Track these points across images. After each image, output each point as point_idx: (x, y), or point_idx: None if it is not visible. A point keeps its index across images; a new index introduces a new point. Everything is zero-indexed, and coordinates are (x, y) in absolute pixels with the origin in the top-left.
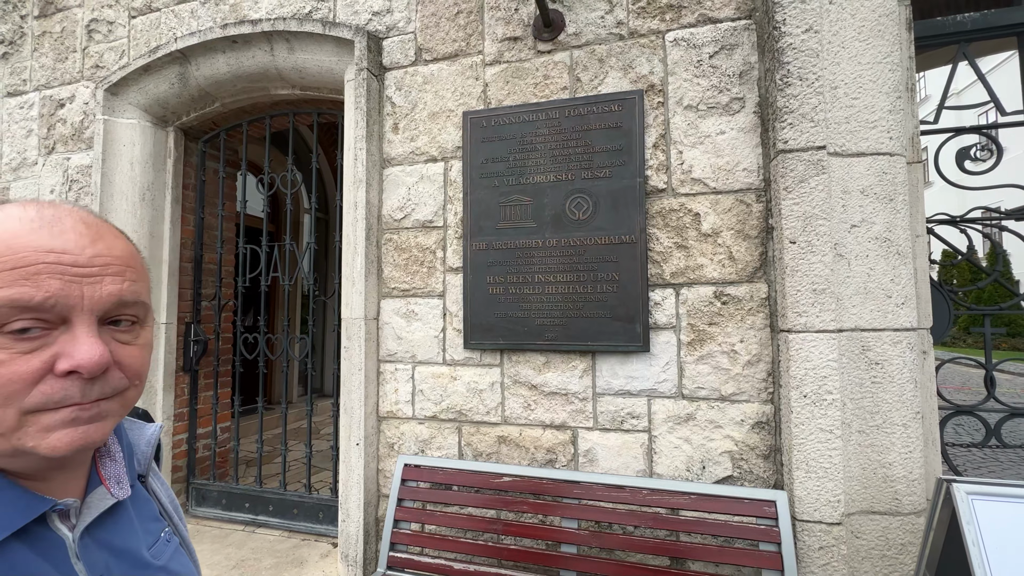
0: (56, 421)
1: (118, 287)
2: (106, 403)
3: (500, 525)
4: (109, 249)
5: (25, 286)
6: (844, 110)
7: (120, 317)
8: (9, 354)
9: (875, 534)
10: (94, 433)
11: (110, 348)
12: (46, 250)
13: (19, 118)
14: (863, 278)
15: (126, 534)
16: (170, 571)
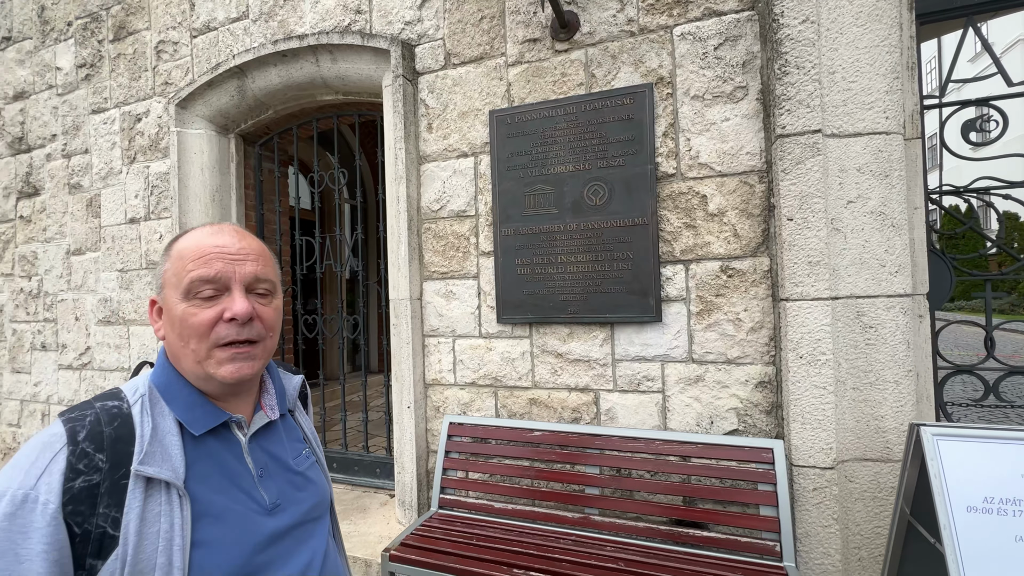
0: (225, 356)
1: (254, 267)
2: (252, 348)
3: (533, 472)
4: (248, 245)
5: (205, 267)
6: (841, 93)
7: (257, 288)
8: (200, 309)
9: (867, 479)
10: (246, 369)
11: (253, 306)
12: (214, 245)
13: (104, 132)
14: (858, 250)
15: (277, 445)
16: (307, 477)
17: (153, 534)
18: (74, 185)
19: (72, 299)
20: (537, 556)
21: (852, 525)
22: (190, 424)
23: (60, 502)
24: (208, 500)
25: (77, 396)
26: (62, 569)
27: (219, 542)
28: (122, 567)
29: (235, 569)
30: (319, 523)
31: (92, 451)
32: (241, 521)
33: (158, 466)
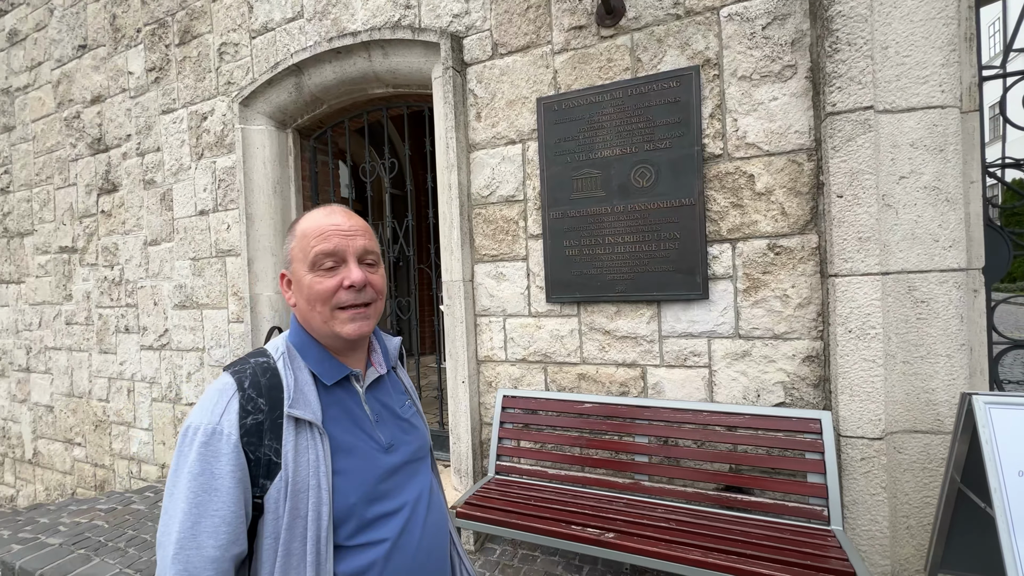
0: (346, 317)
1: (363, 242)
2: (367, 309)
3: (584, 440)
4: (356, 223)
5: (326, 243)
6: (894, 68)
7: (366, 259)
8: (324, 278)
9: (917, 450)
10: (365, 327)
11: (365, 275)
12: (331, 224)
13: (173, 131)
14: (911, 225)
15: (386, 396)
16: (411, 423)
17: (304, 462)
18: (148, 181)
19: (150, 286)
20: (592, 516)
21: (900, 495)
22: (322, 375)
23: (238, 435)
24: (340, 438)
25: (158, 374)
26: (243, 484)
27: (351, 471)
28: (285, 486)
29: (364, 493)
30: (423, 462)
31: (255, 396)
32: (366, 456)
33: (302, 410)
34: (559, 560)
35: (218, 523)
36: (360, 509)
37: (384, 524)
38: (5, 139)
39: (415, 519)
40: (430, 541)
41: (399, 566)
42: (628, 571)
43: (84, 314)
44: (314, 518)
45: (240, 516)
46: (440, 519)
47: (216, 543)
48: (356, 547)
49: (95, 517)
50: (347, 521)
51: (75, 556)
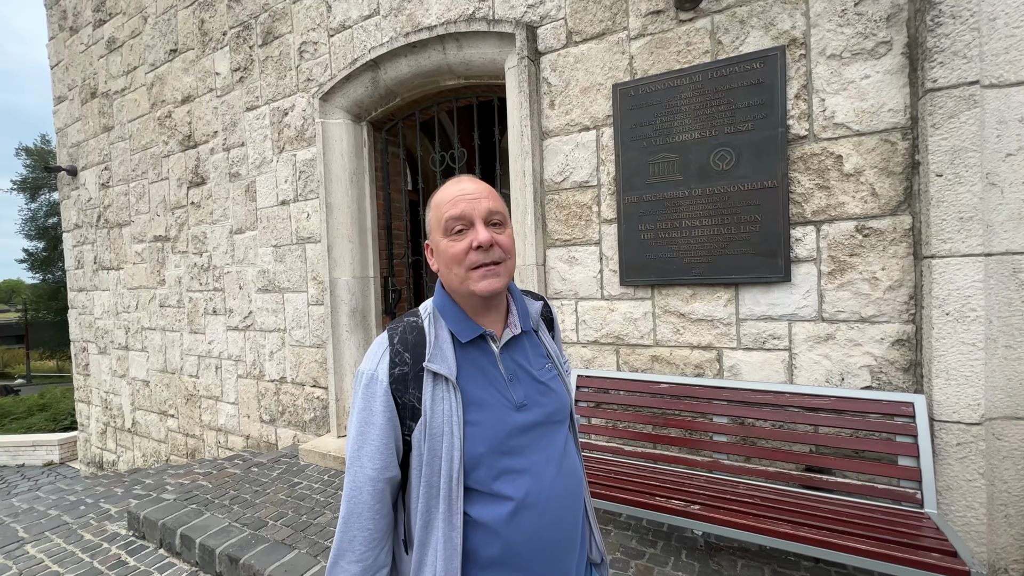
0: (479, 275)
1: (488, 204)
2: (497, 267)
3: (661, 419)
4: (481, 188)
5: (454, 208)
6: (1003, 41)
7: (492, 219)
8: (456, 242)
9: (1019, 437)
10: (496, 283)
11: (492, 235)
12: (459, 191)
13: (257, 127)
14: (1018, 204)
15: (522, 356)
16: (548, 386)
17: (440, 411)
18: (233, 174)
19: (235, 271)
20: (673, 490)
21: (999, 482)
22: (458, 334)
23: (388, 382)
24: (473, 393)
25: (243, 353)
26: (392, 423)
27: (482, 423)
28: (424, 429)
29: (493, 445)
30: (559, 426)
31: (402, 351)
32: (497, 411)
33: (439, 365)
34: (632, 535)
35: (373, 450)
36: (489, 459)
37: (512, 481)
38: (105, 139)
39: (545, 483)
40: (558, 507)
41: (524, 529)
42: (703, 547)
43: (176, 297)
44: (447, 459)
45: (390, 447)
46: (572, 486)
47: (373, 465)
48: (484, 494)
49: (196, 479)
50: (478, 467)
51: (189, 510)
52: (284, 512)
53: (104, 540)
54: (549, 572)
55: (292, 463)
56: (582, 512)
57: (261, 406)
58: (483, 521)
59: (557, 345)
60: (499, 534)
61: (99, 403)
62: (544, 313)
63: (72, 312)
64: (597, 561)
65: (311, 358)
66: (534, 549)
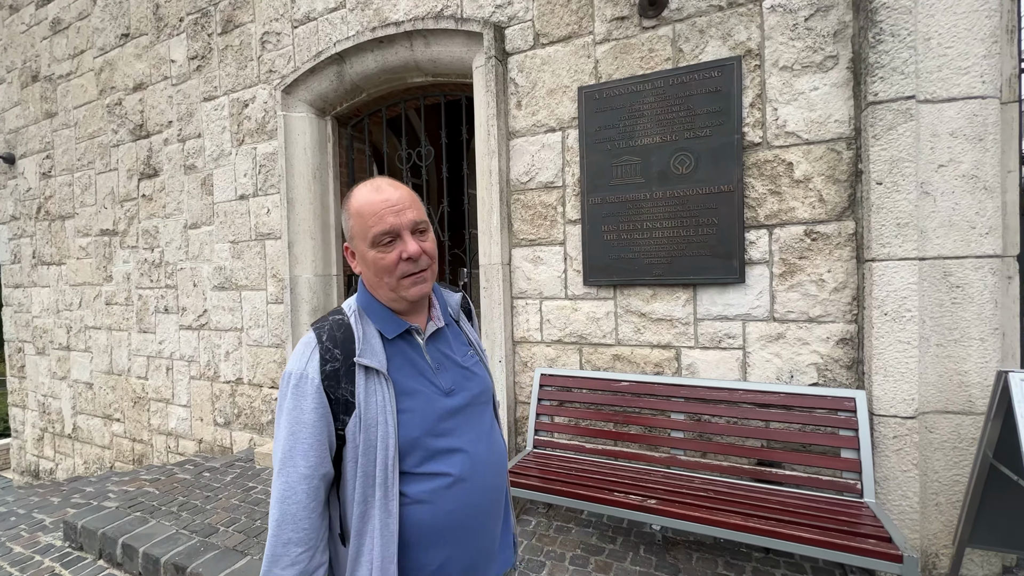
0: (409, 283)
1: (412, 215)
2: (424, 274)
3: (620, 416)
4: (403, 196)
5: (381, 224)
6: (936, 59)
7: (417, 228)
8: (386, 253)
9: (948, 430)
10: (425, 288)
11: (419, 244)
12: (382, 202)
13: (215, 118)
14: (948, 212)
15: (446, 346)
16: (472, 371)
17: (374, 402)
18: (189, 166)
19: (190, 268)
20: (631, 485)
21: (931, 472)
22: (385, 331)
23: (320, 379)
24: (403, 383)
25: (196, 353)
26: (325, 419)
27: (414, 410)
28: (358, 421)
29: (426, 430)
30: (485, 407)
31: (331, 347)
32: (427, 398)
33: (370, 359)
34: (593, 531)
35: (306, 448)
36: (424, 442)
37: (447, 459)
38: (48, 125)
39: (477, 457)
40: (492, 480)
41: (460, 498)
42: (660, 542)
43: (124, 295)
44: (382, 447)
45: (323, 444)
46: (500, 461)
47: (306, 463)
48: (421, 475)
49: (142, 486)
50: (412, 452)
51: (132, 518)
52: (237, 517)
53: (36, 552)
54: (481, 541)
55: (247, 467)
56: (506, 483)
57: (215, 408)
58: (421, 498)
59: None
60: (437, 507)
61: (36, 407)
62: (463, 304)
63: (7, 310)
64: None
65: (269, 358)
66: (468, 517)
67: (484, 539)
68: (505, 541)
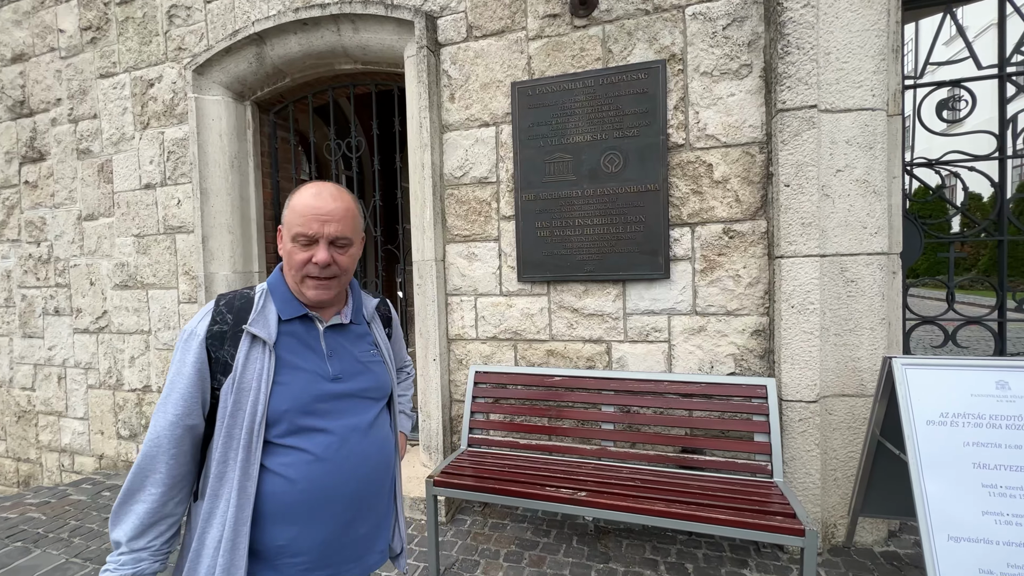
0: (311, 284)
1: (336, 228)
2: (329, 282)
3: (554, 411)
4: (338, 208)
5: (304, 227)
6: (835, 72)
7: (337, 242)
8: (299, 251)
9: (844, 411)
10: (324, 295)
11: (332, 255)
12: (314, 208)
13: (113, 97)
14: (844, 213)
15: (346, 339)
16: (367, 367)
17: (252, 369)
18: (83, 151)
19: (85, 264)
20: (563, 479)
21: (830, 451)
22: (281, 311)
23: (204, 336)
24: (288, 359)
25: (95, 359)
26: (201, 374)
27: (291, 384)
28: (232, 383)
29: (299, 405)
30: (374, 402)
31: (225, 311)
32: (309, 377)
33: (259, 328)
34: (528, 526)
35: (178, 397)
36: (291, 416)
37: (311, 437)
38: None
39: (346, 444)
40: (363, 471)
41: (317, 479)
42: (593, 532)
43: (4, 295)
44: (251, 412)
45: (195, 396)
46: (379, 456)
47: (175, 411)
48: (283, 447)
49: (27, 511)
50: (279, 423)
51: (11, 549)
52: None
53: None
54: (338, 531)
55: None
56: (388, 488)
57: (119, 420)
58: (278, 471)
59: (396, 343)
60: (293, 483)
61: None
62: (382, 311)
63: None
64: (397, 551)
65: None
66: (325, 500)
67: (344, 530)
68: (378, 545)
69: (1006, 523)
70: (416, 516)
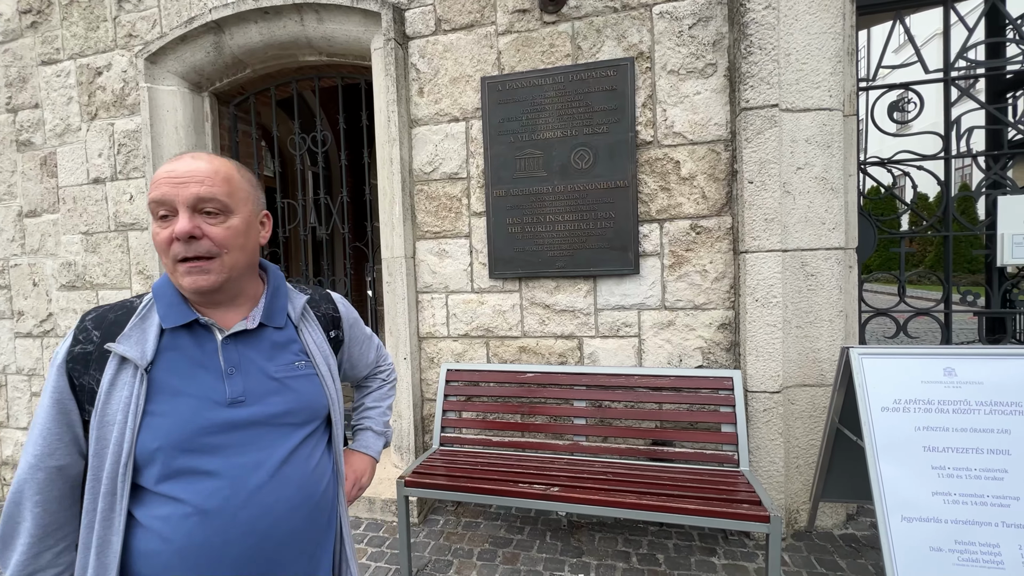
0: (183, 270)
1: (196, 190)
2: (207, 263)
3: (527, 408)
4: (198, 168)
5: (154, 191)
6: (795, 73)
7: (204, 207)
8: (161, 229)
9: (806, 400)
10: (202, 281)
11: (201, 226)
12: (166, 171)
13: (57, 86)
14: (804, 209)
15: (256, 349)
16: (285, 384)
17: (117, 398)
18: (23, 142)
19: (27, 264)
20: (536, 475)
21: (792, 439)
22: (163, 319)
23: (64, 360)
24: (168, 382)
25: (39, 365)
26: (60, 405)
27: (168, 415)
28: (97, 415)
29: (176, 441)
30: (290, 430)
31: (91, 328)
32: (194, 403)
33: (127, 346)
34: (501, 523)
35: (36, 435)
36: (166, 456)
37: (190, 483)
38: None
39: (240, 491)
40: (262, 523)
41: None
42: (566, 527)
43: None
44: (114, 452)
45: (55, 432)
46: (298, 499)
47: (34, 451)
48: (157, 495)
49: None
50: (151, 464)
51: None
52: None
53: None
54: None
55: None
56: (318, 537)
57: None
58: (150, 525)
59: (353, 347)
60: (169, 542)
61: None
62: (323, 310)
63: None
64: None
65: None
66: (210, 563)
67: None
68: None
69: (953, 502)
70: (387, 518)
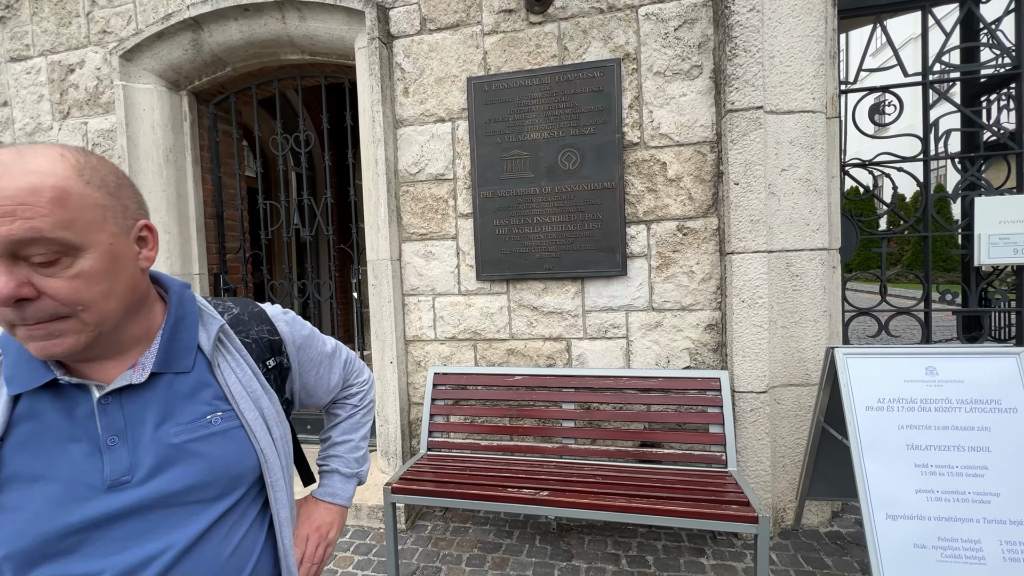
0: (24, 335)
1: (9, 227)
2: (57, 325)
3: (515, 411)
4: (17, 193)
5: None
6: (779, 75)
7: (32, 257)
8: None
9: (791, 400)
10: (52, 348)
11: (33, 281)
12: None
13: (27, 83)
14: (789, 210)
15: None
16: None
17: None
18: None
19: None
20: (525, 479)
21: (779, 438)
22: (8, 382)
23: None
24: (23, 465)
25: None
26: None
27: (21, 508)
28: None
29: (33, 546)
30: (206, 507)
31: None
32: (57, 492)
33: None
34: (490, 528)
35: None
36: (17, 565)
37: None
38: None
39: None
40: None
41: None
42: (555, 530)
43: None
44: None
45: None
46: None
47: None
48: None
49: None
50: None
51: None
52: None
53: None
54: None
55: None
56: None
57: None
58: None
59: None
60: None
61: None
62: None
63: None
64: None
65: None
66: None
67: None
68: None
69: (936, 500)
70: (374, 525)
